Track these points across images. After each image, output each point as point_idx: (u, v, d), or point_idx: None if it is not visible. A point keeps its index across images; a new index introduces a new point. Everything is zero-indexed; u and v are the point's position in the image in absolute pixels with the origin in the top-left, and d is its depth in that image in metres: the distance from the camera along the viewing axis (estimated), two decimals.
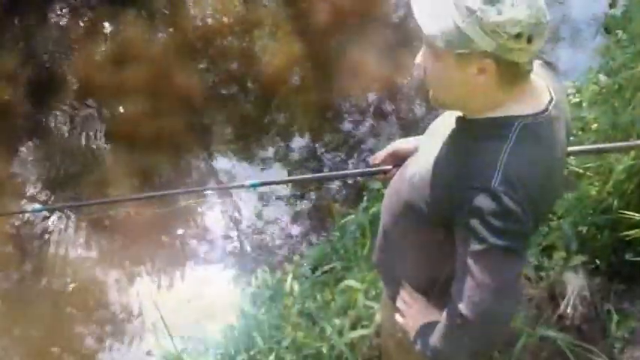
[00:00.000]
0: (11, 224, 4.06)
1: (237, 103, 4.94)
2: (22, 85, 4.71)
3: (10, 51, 4.89)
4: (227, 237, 4.12)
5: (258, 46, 5.19)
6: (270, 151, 4.63)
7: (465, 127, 1.45)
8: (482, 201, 1.31)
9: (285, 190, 4.31)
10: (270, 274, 3.10)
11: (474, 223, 1.32)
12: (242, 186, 2.29)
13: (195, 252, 4.08)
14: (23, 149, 4.51)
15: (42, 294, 3.79)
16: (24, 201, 4.20)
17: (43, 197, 4.22)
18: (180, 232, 4.15)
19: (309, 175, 4.50)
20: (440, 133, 1.52)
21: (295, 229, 4.16)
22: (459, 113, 1.47)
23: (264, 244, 4.08)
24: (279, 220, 4.18)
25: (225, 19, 5.33)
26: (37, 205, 4.19)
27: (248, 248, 4.05)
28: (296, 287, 2.90)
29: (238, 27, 5.28)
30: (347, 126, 4.79)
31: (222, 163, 4.56)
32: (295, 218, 4.21)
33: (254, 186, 2.17)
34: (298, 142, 4.69)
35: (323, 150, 4.64)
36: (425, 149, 1.57)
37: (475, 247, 1.34)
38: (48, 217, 4.12)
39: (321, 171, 4.45)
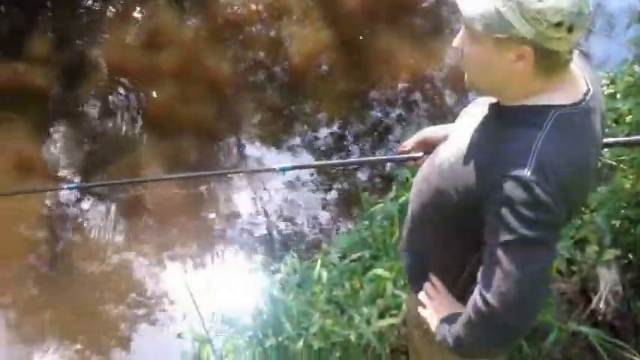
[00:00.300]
0: (44, 206, 4.12)
1: (266, 89, 4.94)
2: (55, 70, 4.76)
3: (43, 36, 4.95)
4: (256, 223, 4.14)
5: (287, 32, 5.19)
6: (299, 139, 4.63)
7: (498, 113, 1.43)
8: (514, 190, 1.29)
9: (313, 178, 4.32)
10: (299, 261, 3.11)
11: (504, 212, 1.30)
12: (273, 169, 2.30)
13: (225, 237, 4.10)
14: (55, 133, 4.57)
15: (73, 276, 3.84)
16: (56, 183, 4.26)
17: (74, 180, 4.26)
18: (211, 216, 4.18)
19: (339, 161, 4.50)
20: (471, 120, 1.50)
21: (324, 217, 4.17)
22: (493, 100, 1.45)
23: (292, 230, 4.10)
24: (308, 208, 4.19)
25: (254, 6, 5.33)
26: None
27: (277, 234, 4.07)
28: (324, 275, 2.90)
29: (267, 13, 5.28)
30: (376, 114, 4.77)
31: (252, 149, 4.58)
32: (324, 206, 4.22)
33: (284, 170, 2.17)
34: (327, 130, 4.68)
35: (352, 138, 4.63)
36: (456, 136, 1.55)
37: (504, 237, 1.32)
38: (79, 200, 4.18)
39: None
